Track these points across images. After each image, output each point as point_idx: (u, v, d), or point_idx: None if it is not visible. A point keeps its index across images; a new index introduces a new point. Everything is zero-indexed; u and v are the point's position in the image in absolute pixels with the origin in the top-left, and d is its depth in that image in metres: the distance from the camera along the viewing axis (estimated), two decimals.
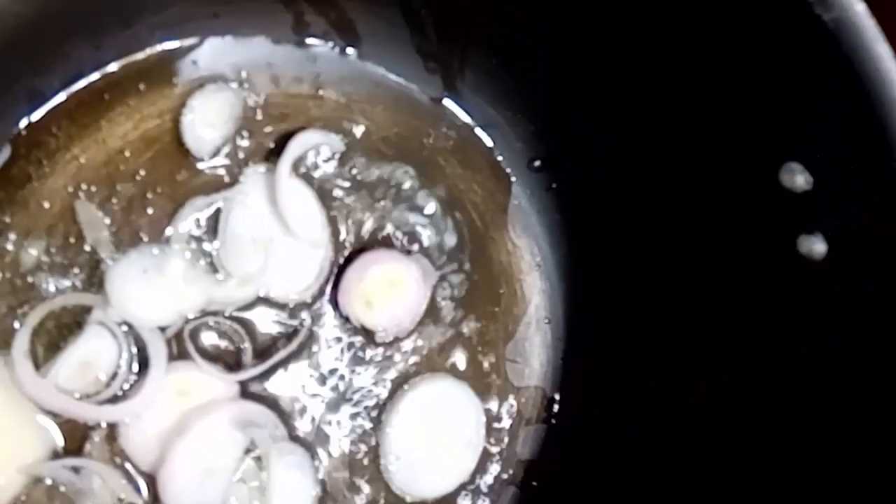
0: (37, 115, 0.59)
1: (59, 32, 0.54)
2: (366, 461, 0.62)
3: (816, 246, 0.47)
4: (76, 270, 0.59)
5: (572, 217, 0.67)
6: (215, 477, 0.57)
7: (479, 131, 0.67)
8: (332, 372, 0.62)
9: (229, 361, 0.60)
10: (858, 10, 0.40)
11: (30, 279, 0.58)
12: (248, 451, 0.58)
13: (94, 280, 0.59)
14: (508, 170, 0.67)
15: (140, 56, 0.61)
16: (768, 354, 0.53)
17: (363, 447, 0.62)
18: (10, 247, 0.59)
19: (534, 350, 0.66)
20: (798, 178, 0.47)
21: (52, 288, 0.58)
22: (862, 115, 0.41)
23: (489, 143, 0.67)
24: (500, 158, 0.67)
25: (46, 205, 0.59)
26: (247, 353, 0.60)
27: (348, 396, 0.62)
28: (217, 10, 0.60)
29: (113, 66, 0.60)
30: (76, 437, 0.57)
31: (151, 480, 0.57)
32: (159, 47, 0.61)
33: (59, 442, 0.57)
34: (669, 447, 0.60)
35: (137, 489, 0.57)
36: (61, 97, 0.59)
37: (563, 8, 0.55)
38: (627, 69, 0.56)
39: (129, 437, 0.57)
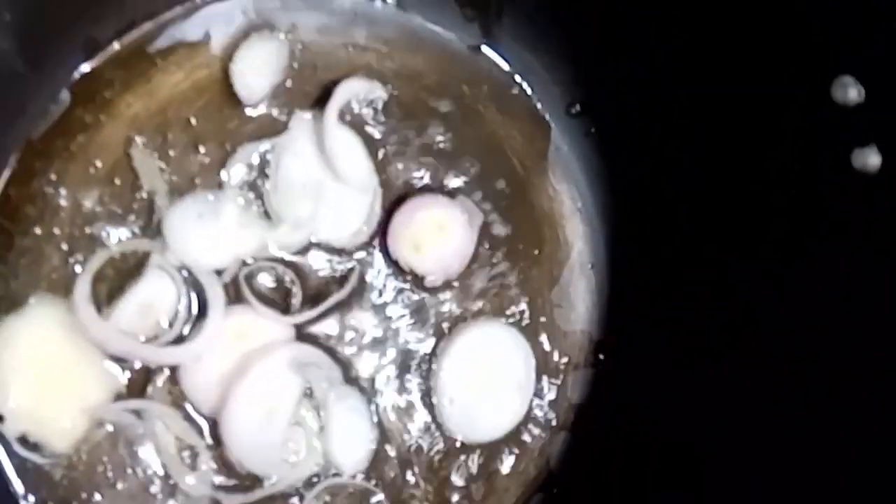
0: (93, 64, 0.60)
1: None
2: (420, 404, 0.62)
3: (871, 159, 0.47)
4: (133, 217, 0.60)
5: (611, 162, 0.67)
6: (274, 418, 0.58)
7: (517, 78, 0.68)
8: (384, 316, 0.63)
9: (284, 305, 0.60)
10: None
11: (88, 229, 0.59)
12: (305, 394, 0.59)
13: (152, 226, 0.60)
14: (547, 116, 0.68)
15: (190, 5, 0.61)
16: (815, 285, 0.53)
17: (416, 390, 0.62)
18: (63, 202, 0.59)
19: (578, 294, 0.67)
20: (851, 92, 0.47)
21: (110, 235, 0.59)
22: None
23: (528, 89, 0.68)
24: (538, 105, 0.68)
25: (104, 153, 0.60)
26: (300, 296, 0.61)
27: (400, 340, 0.63)
28: None
29: (164, 16, 0.61)
30: (138, 381, 0.58)
31: (212, 423, 0.58)
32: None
33: (122, 385, 0.58)
34: (715, 391, 0.60)
35: (199, 431, 0.58)
36: (116, 46, 0.60)
37: None
38: (667, 6, 0.56)
39: (190, 379, 0.58)
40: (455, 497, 0.62)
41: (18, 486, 0.56)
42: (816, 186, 0.52)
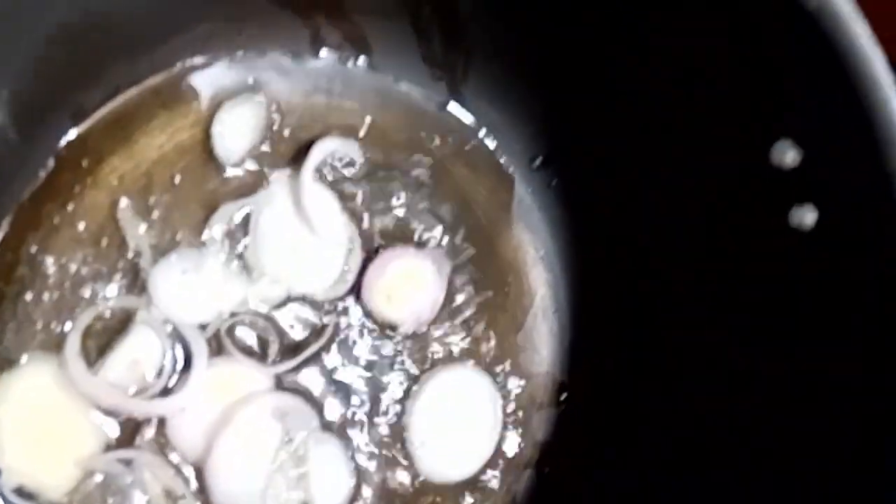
0: (79, 130, 0.63)
1: (100, 52, 0.57)
2: (394, 448, 0.65)
3: (807, 216, 0.50)
4: (120, 276, 0.62)
5: (573, 212, 0.71)
6: (257, 464, 0.60)
7: (482, 133, 0.71)
8: (359, 364, 0.66)
9: (264, 356, 0.63)
10: None
11: (76, 288, 0.62)
12: (284, 440, 0.62)
13: (138, 283, 0.62)
14: (510, 169, 0.71)
15: (172, 71, 0.64)
16: (767, 329, 0.56)
17: (390, 434, 0.65)
18: (51, 263, 0.61)
19: (542, 338, 0.70)
20: (788, 155, 0.50)
21: (98, 293, 0.61)
22: (845, 91, 0.44)
23: (492, 144, 0.71)
24: (502, 159, 0.71)
25: (90, 215, 0.63)
26: (279, 348, 0.64)
27: (374, 386, 0.66)
28: (241, 28, 0.64)
29: (148, 82, 0.64)
30: (127, 432, 0.60)
31: (198, 470, 0.60)
32: (189, 62, 0.65)
33: (112, 436, 0.60)
34: (677, 427, 0.63)
35: (185, 479, 0.60)
36: (101, 112, 0.63)
37: (558, 17, 0.59)
38: (620, 70, 0.60)
39: (176, 429, 0.60)
40: None
41: None
42: (757, 242, 0.57)
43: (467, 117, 0.71)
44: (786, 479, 0.52)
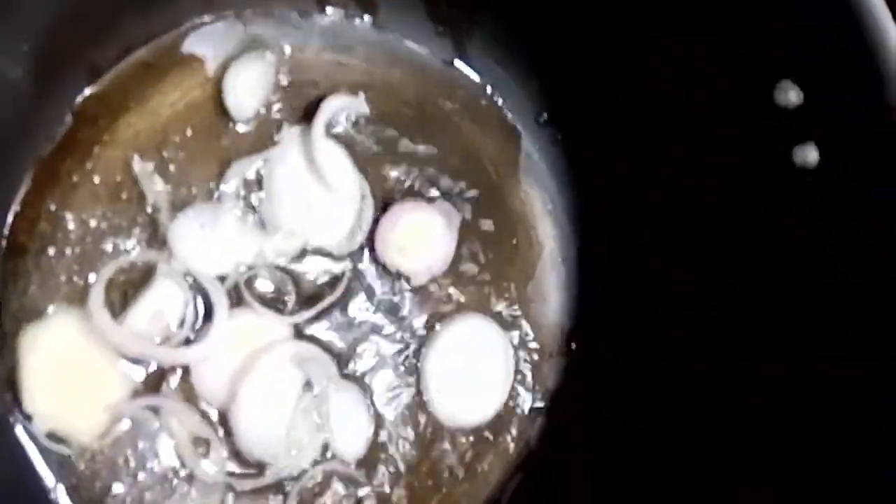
0: (94, 88, 0.64)
1: (112, 9, 0.58)
2: (409, 394, 0.67)
3: (810, 155, 0.52)
4: (140, 230, 0.64)
5: (578, 167, 0.72)
6: (279, 410, 0.62)
7: (488, 90, 0.72)
8: (375, 314, 0.67)
9: (282, 307, 0.65)
10: None
11: (98, 242, 0.63)
12: (305, 387, 0.63)
13: (157, 237, 0.63)
14: (517, 125, 0.73)
15: (183, 28, 0.65)
16: (770, 274, 0.57)
17: (406, 381, 0.67)
18: (72, 218, 0.63)
19: (551, 289, 0.72)
20: (791, 95, 0.51)
21: (119, 247, 0.63)
22: (844, 29, 0.45)
23: (499, 100, 0.72)
24: (509, 115, 0.73)
25: (108, 171, 0.64)
26: (297, 299, 0.65)
27: (390, 336, 0.67)
28: None
29: (159, 40, 0.65)
30: (153, 380, 0.62)
31: (222, 416, 0.62)
32: (199, 20, 0.66)
33: (139, 383, 0.61)
34: (679, 373, 0.65)
35: (210, 424, 0.62)
36: (115, 70, 0.64)
37: None
38: (622, 20, 0.60)
39: (201, 377, 0.62)
40: (443, 476, 0.66)
41: (49, 478, 0.59)
42: (761, 180, 0.58)
43: (474, 74, 0.72)
44: (782, 438, 0.53)
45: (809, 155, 0.52)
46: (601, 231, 0.72)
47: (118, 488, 0.60)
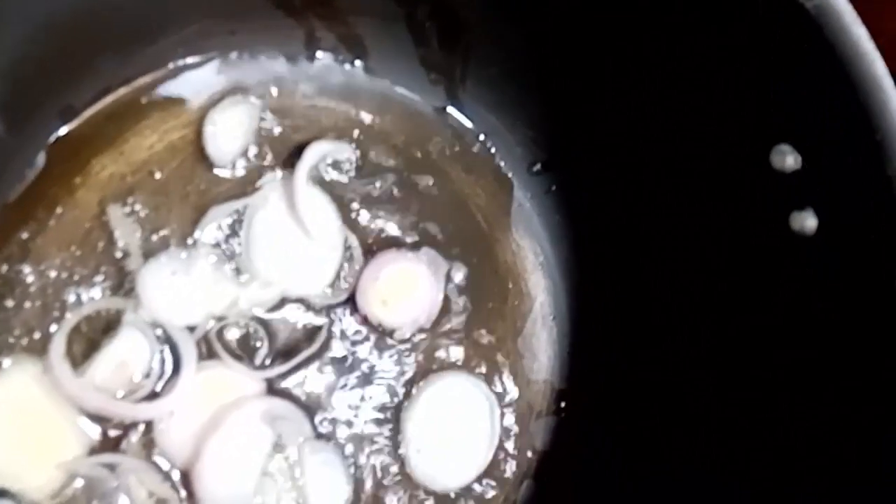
0: (69, 128, 0.62)
1: (89, 49, 0.57)
2: (389, 454, 0.64)
3: (808, 221, 0.50)
4: (108, 276, 0.62)
5: (572, 217, 0.70)
6: (246, 471, 0.59)
7: (481, 137, 0.71)
8: (353, 370, 0.65)
9: (255, 360, 0.62)
10: None
11: (63, 288, 0.61)
12: (276, 447, 0.61)
13: (125, 284, 0.61)
14: (510, 174, 0.71)
15: (164, 71, 0.64)
16: (766, 335, 0.55)
17: (386, 442, 0.64)
18: (40, 262, 0.61)
19: (541, 345, 0.69)
20: (788, 159, 0.50)
21: (85, 294, 0.61)
22: (845, 94, 0.44)
23: (491, 149, 0.71)
24: (501, 163, 0.71)
25: (79, 214, 0.62)
26: (270, 352, 0.63)
27: (369, 393, 0.65)
28: (234, 28, 0.64)
29: (139, 81, 0.63)
30: (113, 436, 0.59)
31: (185, 476, 0.59)
32: (182, 62, 0.64)
33: (97, 440, 0.59)
34: (677, 436, 0.62)
35: (172, 485, 0.59)
36: (92, 111, 0.62)
37: (557, 21, 0.59)
38: (619, 74, 0.59)
39: (164, 434, 0.59)
40: None
41: None
42: (758, 246, 0.56)
43: (466, 121, 0.70)
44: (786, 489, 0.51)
45: (807, 221, 0.51)
46: (594, 285, 0.69)
47: None
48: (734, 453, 0.56)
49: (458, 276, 0.68)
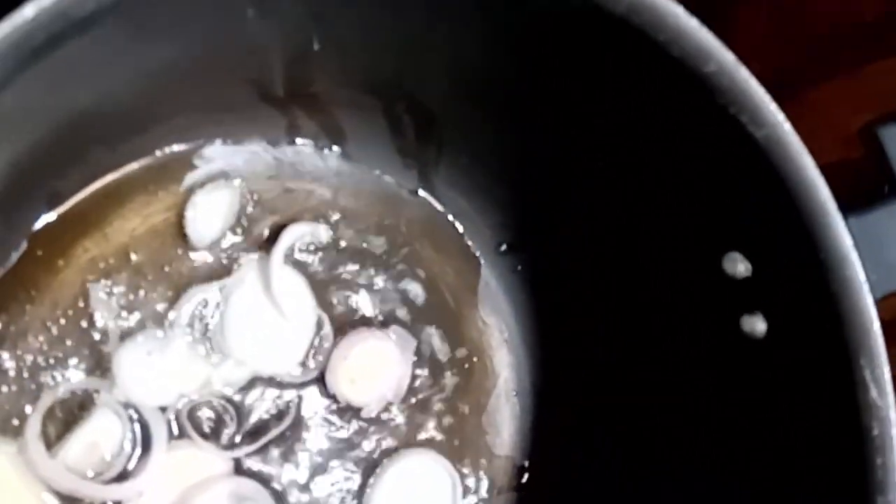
0: (55, 214, 0.63)
1: (81, 141, 0.58)
2: None
3: (758, 325, 0.53)
4: (84, 357, 0.63)
5: (536, 296, 0.73)
6: None
7: (451, 219, 0.73)
8: (320, 448, 0.66)
9: (224, 439, 0.64)
10: (786, 128, 0.46)
11: (40, 369, 0.62)
12: None
13: (102, 365, 0.63)
14: (478, 253, 0.73)
15: (150, 158, 0.66)
16: (720, 428, 0.59)
17: None
18: (16, 343, 0.62)
19: (504, 421, 0.72)
20: (739, 266, 0.53)
21: (61, 374, 0.62)
22: (791, 215, 0.46)
23: (460, 229, 0.73)
24: (469, 243, 0.73)
25: (59, 296, 0.63)
26: (240, 431, 0.64)
27: (335, 471, 0.66)
28: (220, 118, 0.66)
29: (126, 168, 0.65)
30: None
31: None
32: (168, 150, 0.66)
33: None
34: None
35: None
36: (78, 197, 0.63)
37: (523, 121, 0.61)
38: (583, 171, 0.62)
39: None
40: None
41: None
42: (710, 346, 0.58)
43: (437, 204, 0.73)
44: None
45: (757, 325, 0.53)
46: (556, 362, 0.72)
47: None
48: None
49: (426, 352, 0.70)
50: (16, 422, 0.60)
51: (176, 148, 0.66)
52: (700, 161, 0.52)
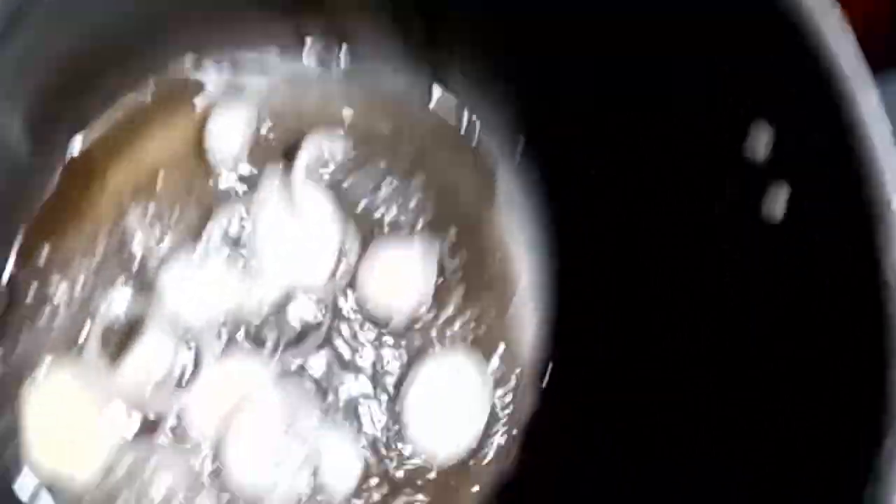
0: (82, 143, 0.64)
1: (100, 63, 0.59)
2: (391, 430, 0.69)
3: (779, 204, 0.54)
4: (129, 281, 0.65)
5: (553, 199, 0.75)
6: (267, 449, 0.64)
7: (465, 124, 0.74)
8: (357, 354, 0.69)
9: (268, 349, 0.67)
10: None
11: (89, 295, 0.64)
12: (291, 427, 0.65)
13: (146, 287, 0.65)
14: (494, 159, 0.74)
15: (165, 76, 0.67)
16: (747, 322, 0.59)
17: (388, 418, 0.69)
18: (64, 272, 0.64)
19: (527, 323, 0.74)
20: (759, 149, 0.54)
21: (109, 299, 0.64)
22: (815, 73, 0.46)
23: (476, 133, 0.74)
24: (486, 149, 0.74)
25: (97, 223, 0.65)
26: (281, 341, 0.67)
27: (372, 375, 0.69)
28: (231, 32, 0.66)
29: (144, 88, 0.66)
30: (147, 425, 0.64)
31: (215, 457, 0.64)
32: (181, 66, 0.67)
33: (134, 430, 0.63)
34: (657, 403, 0.67)
35: (202, 465, 0.64)
36: (102, 122, 0.64)
37: (537, 16, 0.62)
38: (599, 65, 0.62)
39: (192, 421, 0.64)
40: None
41: None
42: (728, 229, 0.60)
43: (451, 109, 0.74)
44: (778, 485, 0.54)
45: (778, 205, 0.54)
46: (576, 263, 0.74)
47: None
48: (725, 435, 0.59)
49: (449, 259, 0.73)
50: (75, 343, 0.62)
51: (188, 64, 0.67)
52: (723, 24, 0.51)
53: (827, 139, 0.48)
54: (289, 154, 0.69)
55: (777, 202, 0.55)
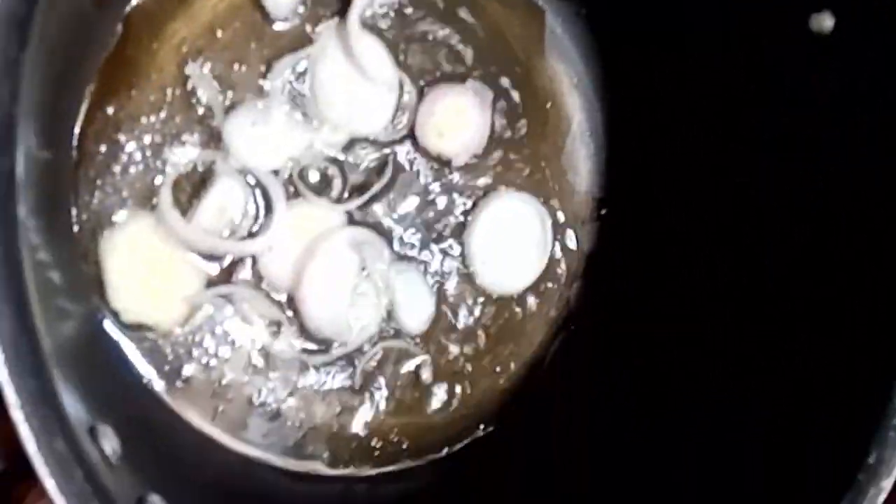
0: None
1: None
2: (458, 269, 0.72)
3: (826, 22, 0.55)
4: (196, 132, 0.67)
5: (601, 40, 0.75)
6: (341, 291, 0.67)
7: None
8: (420, 197, 0.71)
9: (334, 195, 0.69)
10: None
11: (159, 147, 0.66)
12: (363, 270, 0.69)
13: (213, 137, 0.67)
14: (540, 2, 0.75)
15: None
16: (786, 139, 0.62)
17: (454, 257, 0.72)
18: (132, 125, 0.66)
19: (580, 160, 0.76)
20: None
21: (179, 150, 0.66)
22: None
23: None
24: None
25: (161, 77, 0.66)
26: (346, 187, 0.69)
27: (436, 216, 0.72)
28: None
29: None
30: (224, 271, 0.67)
31: (290, 299, 0.68)
32: None
33: (211, 275, 0.66)
34: (703, 235, 0.70)
35: (280, 307, 0.68)
36: None
37: None
38: None
39: (267, 266, 0.67)
40: (492, 339, 0.73)
41: (139, 364, 0.65)
42: (777, 47, 0.61)
43: None
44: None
45: (825, 22, 0.55)
46: (625, 102, 0.75)
47: (200, 370, 0.66)
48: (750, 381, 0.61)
49: (502, 103, 0.74)
50: (149, 196, 0.65)
51: None
52: None
53: None
54: (344, 6, 0.69)
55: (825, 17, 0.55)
